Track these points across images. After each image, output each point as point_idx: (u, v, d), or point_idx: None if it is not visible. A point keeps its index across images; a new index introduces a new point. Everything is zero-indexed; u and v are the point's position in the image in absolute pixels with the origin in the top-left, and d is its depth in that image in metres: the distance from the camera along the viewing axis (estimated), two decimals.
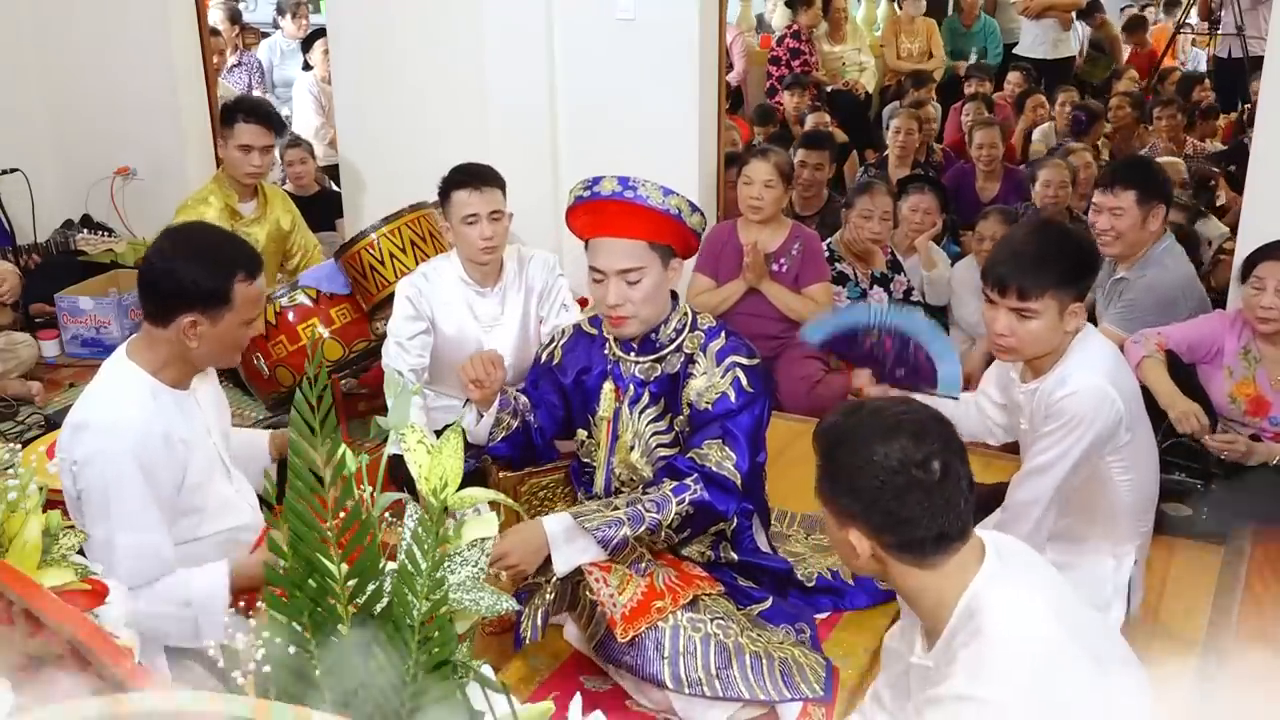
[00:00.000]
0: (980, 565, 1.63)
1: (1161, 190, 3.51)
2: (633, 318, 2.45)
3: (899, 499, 1.60)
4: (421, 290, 3.28)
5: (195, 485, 2.25)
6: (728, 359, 2.45)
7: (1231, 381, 3.26)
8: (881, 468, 1.61)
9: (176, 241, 2.24)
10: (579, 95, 4.51)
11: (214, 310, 2.18)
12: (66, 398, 4.02)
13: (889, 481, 1.60)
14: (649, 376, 2.53)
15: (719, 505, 2.39)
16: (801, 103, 6.96)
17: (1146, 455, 2.57)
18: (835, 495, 1.67)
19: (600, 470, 2.60)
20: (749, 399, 2.43)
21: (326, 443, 1.17)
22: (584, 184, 2.44)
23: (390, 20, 4.66)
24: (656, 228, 2.41)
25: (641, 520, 2.34)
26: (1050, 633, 1.55)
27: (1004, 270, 2.40)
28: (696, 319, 2.54)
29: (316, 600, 1.17)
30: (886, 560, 1.65)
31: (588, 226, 2.46)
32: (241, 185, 4.06)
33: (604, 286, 2.43)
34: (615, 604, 2.31)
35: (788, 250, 4.00)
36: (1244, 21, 7.34)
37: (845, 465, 1.65)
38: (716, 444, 2.40)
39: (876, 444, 1.62)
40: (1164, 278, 3.51)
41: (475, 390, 2.54)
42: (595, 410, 2.59)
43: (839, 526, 1.69)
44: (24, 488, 1.55)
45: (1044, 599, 1.60)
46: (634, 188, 2.39)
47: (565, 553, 2.36)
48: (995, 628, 1.55)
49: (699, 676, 2.25)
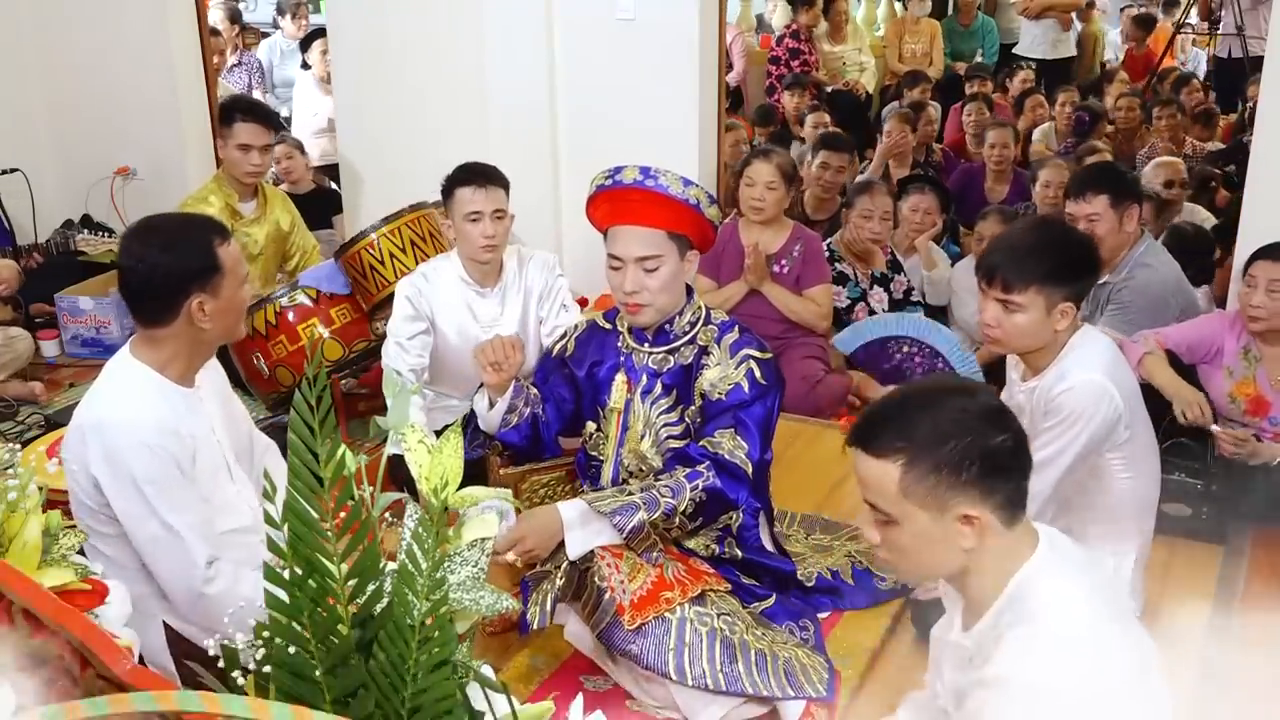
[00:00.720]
0: (1033, 551, 1.60)
1: (1132, 191, 3.52)
2: (649, 305, 2.48)
3: (999, 447, 1.54)
4: (421, 290, 3.28)
5: (200, 482, 2.25)
6: (741, 351, 2.49)
7: (1231, 381, 3.26)
8: (977, 417, 1.55)
9: (144, 241, 2.23)
10: (579, 95, 4.51)
11: (212, 283, 2.20)
12: (67, 398, 4.02)
13: (987, 430, 1.54)
14: (662, 368, 2.55)
15: (730, 493, 2.40)
16: (801, 103, 6.96)
17: (1147, 455, 2.57)
18: (939, 473, 1.54)
19: (609, 463, 2.61)
20: (762, 390, 2.45)
21: (326, 443, 1.17)
22: (605, 173, 2.49)
23: (390, 20, 4.66)
24: (675, 217, 2.45)
25: (657, 505, 2.34)
26: (1100, 628, 1.53)
27: (994, 261, 2.44)
28: (710, 313, 2.58)
29: (316, 600, 1.17)
30: (989, 530, 1.56)
31: (608, 215, 2.50)
32: (241, 185, 4.07)
33: (621, 274, 2.46)
34: (625, 590, 2.31)
35: (789, 251, 4.00)
36: (1244, 21, 7.34)
37: (938, 436, 1.54)
38: (729, 433, 2.42)
39: (959, 401, 1.57)
40: (1154, 278, 3.51)
41: (493, 374, 2.57)
42: (605, 402, 2.61)
43: (940, 514, 1.56)
44: (24, 488, 1.55)
45: (1094, 594, 1.59)
46: (655, 176, 2.44)
47: (580, 535, 2.36)
48: (1047, 615, 1.53)
49: (703, 669, 2.25)
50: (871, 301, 4.31)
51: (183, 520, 2.16)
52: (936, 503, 1.54)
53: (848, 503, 3.24)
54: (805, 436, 3.67)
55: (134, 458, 2.12)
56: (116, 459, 2.13)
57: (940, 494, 1.54)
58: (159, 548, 2.16)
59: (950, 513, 1.54)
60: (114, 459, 2.13)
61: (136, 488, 2.13)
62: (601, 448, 2.63)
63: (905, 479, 1.54)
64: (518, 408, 2.64)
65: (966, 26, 8.58)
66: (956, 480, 1.53)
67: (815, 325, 4.00)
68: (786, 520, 3.04)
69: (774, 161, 3.96)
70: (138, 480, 2.13)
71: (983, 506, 1.54)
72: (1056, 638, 1.51)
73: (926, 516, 1.55)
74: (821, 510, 3.16)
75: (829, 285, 4.07)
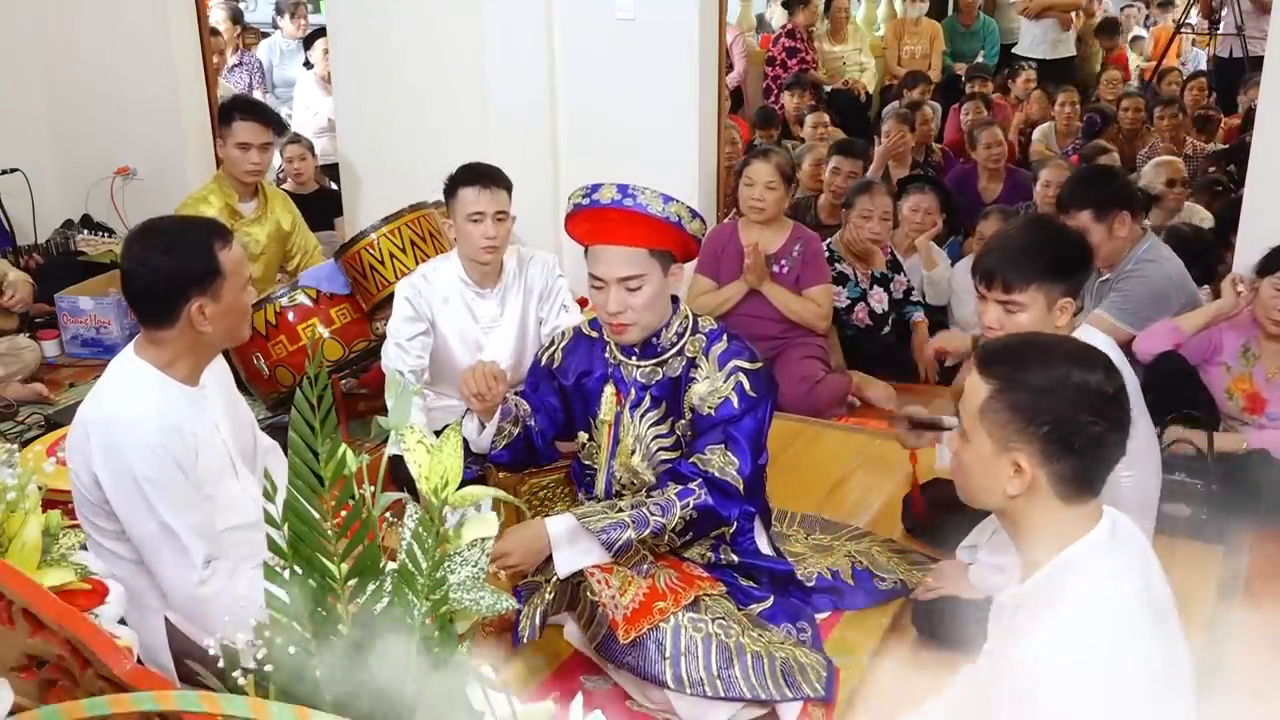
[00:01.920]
0: (1092, 531, 1.63)
1: (1118, 197, 3.48)
2: (633, 325, 2.43)
3: (1085, 428, 1.58)
4: (421, 291, 3.28)
5: (203, 479, 2.26)
6: (730, 363, 2.44)
7: (1229, 377, 3.28)
8: (1079, 391, 1.58)
9: (145, 244, 2.23)
10: (579, 95, 4.51)
11: (213, 286, 2.19)
12: (66, 398, 4.02)
13: (1079, 406, 1.58)
14: (650, 380, 2.52)
15: (722, 510, 2.39)
16: (801, 103, 6.96)
17: (1147, 455, 2.57)
18: (1015, 414, 1.61)
19: (601, 473, 2.60)
20: (751, 403, 2.43)
21: (327, 442, 1.16)
22: (582, 191, 2.42)
23: (390, 20, 4.66)
24: (657, 235, 2.39)
25: (646, 523, 2.34)
26: (1132, 619, 1.55)
27: (991, 263, 2.43)
28: (698, 322, 2.54)
29: (316, 600, 1.16)
30: (1039, 492, 1.62)
31: (587, 234, 2.44)
32: (241, 185, 4.06)
33: (604, 294, 2.41)
34: (617, 605, 2.31)
35: (789, 252, 4.00)
36: (1244, 21, 7.34)
37: (1035, 385, 1.60)
38: (719, 449, 2.40)
39: (1075, 369, 1.60)
40: (1158, 271, 3.52)
41: (477, 403, 2.52)
42: (596, 413, 2.58)
43: (1000, 450, 1.63)
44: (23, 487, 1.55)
45: (1134, 594, 1.59)
46: (633, 195, 2.36)
47: (568, 554, 2.36)
48: (1077, 606, 1.56)
49: (700, 676, 2.25)
50: (871, 301, 4.31)
51: (180, 520, 2.16)
52: (1002, 438, 1.62)
53: (848, 503, 3.24)
54: (805, 436, 3.67)
55: (134, 456, 2.13)
56: (117, 457, 2.13)
57: (1008, 433, 1.62)
58: (156, 546, 2.16)
59: (1008, 454, 1.61)
60: (115, 457, 2.14)
61: (136, 486, 2.13)
62: (595, 457, 2.62)
63: (988, 402, 1.63)
64: (505, 428, 2.58)
65: (968, 27, 8.58)
66: (1025, 429, 1.60)
67: (815, 325, 4.00)
68: (786, 520, 3.04)
69: (773, 161, 3.96)
70: (137, 478, 2.13)
71: (1039, 467, 1.60)
72: (1087, 624, 1.54)
73: (990, 445, 1.63)
74: (821, 510, 3.16)
75: (829, 285, 4.07)
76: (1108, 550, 1.61)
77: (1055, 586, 1.60)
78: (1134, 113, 6.50)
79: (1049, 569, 1.62)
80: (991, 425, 1.63)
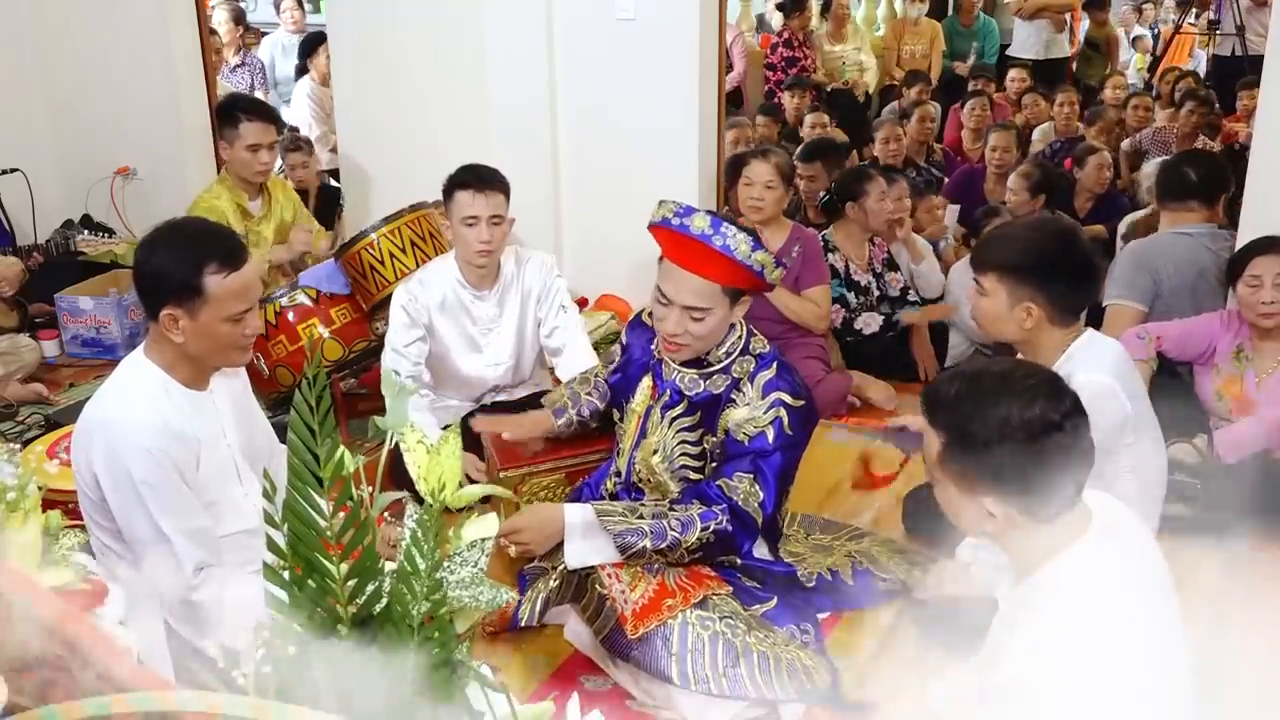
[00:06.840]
0: (1079, 538, 1.63)
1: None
2: (687, 347, 2.43)
3: (1040, 460, 1.57)
4: (416, 297, 3.28)
5: (205, 484, 2.25)
6: (773, 394, 2.40)
7: (1220, 379, 3.27)
8: (1024, 431, 1.57)
9: (159, 234, 2.22)
10: (579, 95, 4.51)
11: (188, 303, 2.13)
12: (66, 398, 4.02)
13: (1031, 447, 1.57)
14: (690, 390, 2.51)
15: (739, 540, 2.39)
16: (802, 103, 6.96)
17: (1152, 458, 2.57)
18: (968, 467, 1.62)
19: (624, 458, 2.63)
20: (787, 442, 2.39)
21: (326, 443, 1.16)
22: (675, 209, 2.36)
23: (390, 20, 4.66)
24: (736, 276, 2.36)
25: (664, 537, 2.34)
26: (1117, 627, 1.56)
27: (980, 242, 2.53)
28: (751, 342, 2.50)
29: (316, 600, 1.16)
30: (1017, 524, 1.63)
31: (668, 250, 2.41)
32: (249, 185, 4.05)
33: (667, 312, 2.39)
34: (627, 600, 2.31)
35: (788, 252, 3.99)
36: (1244, 21, 7.33)
37: (979, 438, 1.59)
38: (748, 479, 2.38)
39: (1015, 407, 1.58)
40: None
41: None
42: (630, 399, 2.60)
43: (968, 496, 1.65)
44: (23, 487, 1.55)
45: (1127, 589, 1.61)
46: (724, 235, 2.31)
47: (580, 547, 2.36)
48: (1065, 609, 1.58)
49: (706, 674, 2.26)
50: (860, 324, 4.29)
51: (174, 526, 2.15)
52: (966, 486, 1.65)
53: (848, 503, 3.24)
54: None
55: (132, 459, 2.12)
56: (116, 458, 2.13)
57: (969, 482, 1.65)
58: (148, 550, 2.15)
59: (975, 499, 1.65)
60: (113, 458, 2.14)
61: (133, 488, 2.13)
62: (623, 440, 2.65)
63: (943, 454, 1.66)
64: (571, 421, 2.82)
65: (968, 26, 8.58)
66: (982, 479, 1.63)
67: (814, 325, 4.00)
68: (786, 520, 3.03)
69: (772, 161, 3.96)
70: (135, 481, 2.13)
71: (1008, 506, 1.62)
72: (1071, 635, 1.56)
73: (956, 491, 1.67)
74: (821, 510, 3.16)
75: (828, 285, 4.06)
76: (1095, 558, 1.62)
77: (1043, 594, 1.62)
78: (1142, 111, 6.50)
79: (1035, 579, 1.65)
80: (951, 475, 1.67)
